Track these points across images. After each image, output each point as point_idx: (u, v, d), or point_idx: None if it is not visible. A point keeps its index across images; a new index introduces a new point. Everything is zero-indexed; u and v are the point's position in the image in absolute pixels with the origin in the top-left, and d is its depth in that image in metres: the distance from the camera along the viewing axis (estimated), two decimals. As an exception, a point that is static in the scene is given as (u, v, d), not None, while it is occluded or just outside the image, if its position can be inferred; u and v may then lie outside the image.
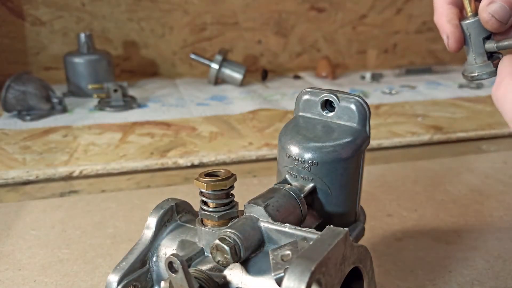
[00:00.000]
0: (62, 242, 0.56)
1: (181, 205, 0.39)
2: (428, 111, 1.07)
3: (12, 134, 0.91)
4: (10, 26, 1.28)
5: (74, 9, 1.31)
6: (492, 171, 0.76)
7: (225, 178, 0.34)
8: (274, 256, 0.30)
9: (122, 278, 0.34)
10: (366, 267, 0.32)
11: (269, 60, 1.50)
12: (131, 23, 1.36)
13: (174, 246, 0.37)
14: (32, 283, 0.48)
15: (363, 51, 1.57)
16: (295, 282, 0.24)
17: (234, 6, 1.41)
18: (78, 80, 1.18)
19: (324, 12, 1.49)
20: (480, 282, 0.48)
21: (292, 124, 0.40)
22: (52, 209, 0.64)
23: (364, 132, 0.38)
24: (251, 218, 0.33)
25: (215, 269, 0.33)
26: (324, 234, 0.28)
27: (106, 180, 0.74)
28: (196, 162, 0.79)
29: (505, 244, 0.55)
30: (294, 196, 0.36)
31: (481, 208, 0.64)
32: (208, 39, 1.43)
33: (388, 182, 0.72)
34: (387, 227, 0.59)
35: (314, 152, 0.37)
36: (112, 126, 0.96)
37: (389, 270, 0.50)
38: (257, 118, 1.02)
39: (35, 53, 1.31)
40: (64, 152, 0.81)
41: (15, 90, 0.98)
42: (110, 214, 0.62)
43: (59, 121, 0.98)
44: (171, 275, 0.28)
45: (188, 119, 1.01)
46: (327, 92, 0.39)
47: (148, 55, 1.40)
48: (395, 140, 0.88)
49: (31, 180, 0.72)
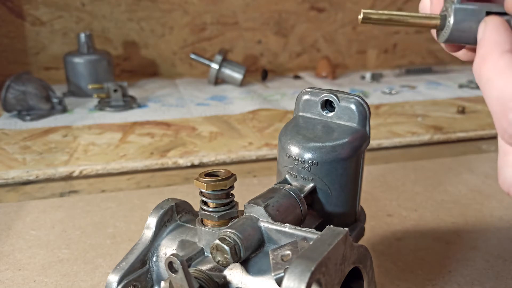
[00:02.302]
0: (62, 242, 0.56)
1: (181, 205, 0.39)
2: (428, 111, 1.07)
3: (12, 134, 0.91)
4: (10, 26, 1.28)
5: (74, 9, 1.31)
6: (492, 171, 0.76)
7: (225, 178, 0.34)
8: (274, 256, 0.30)
9: (122, 278, 0.34)
10: (366, 267, 0.32)
11: (269, 60, 1.50)
12: (131, 23, 1.36)
13: (174, 246, 0.37)
14: (32, 283, 0.48)
15: (363, 51, 1.57)
16: (295, 282, 0.24)
17: (234, 6, 1.41)
18: (78, 80, 1.18)
19: (324, 12, 1.49)
20: (480, 282, 0.48)
21: (292, 124, 0.40)
22: (52, 209, 0.64)
23: (364, 132, 0.38)
24: (251, 218, 0.33)
25: (215, 269, 0.33)
26: (324, 234, 0.28)
27: (106, 180, 0.74)
28: (196, 162, 0.79)
29: (505, 244, 0.55)
30: (294, 196, 0.36)
31: (481, 208, 0.64)
32: (208, 39, 1.43)
33: (388, 182, 0.72)
34: (387, 227, 0.59)
35: (314, 152, 0.37)
36: (112, 126, 0.96)
37: (389, 270, 0.50)
38: (257, 118, 1.02)
39: (35, 53, 1.31)
40: (64, 152, 0.81)
41: (15, 90, 0.98)
42: (110, 214, 0.62)
43: (59, 121, 0.98)
44: (171, 275, 0.28)
45: (188, 119, 1.01)
46: (327, 92, 0.39)
47: (148, 55, 1.40)
48: (395, 140, 0.88)
49: (31, 180, 0.72)
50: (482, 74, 0.26)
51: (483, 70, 0.26)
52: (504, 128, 0.24)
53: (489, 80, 0.26)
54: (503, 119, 0.24)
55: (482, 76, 0.26)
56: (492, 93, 0.25)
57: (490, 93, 0.25)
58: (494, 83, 0.25)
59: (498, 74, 0.25)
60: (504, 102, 0.24)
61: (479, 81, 0.27)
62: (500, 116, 0.25)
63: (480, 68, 0.26)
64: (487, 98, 0.26)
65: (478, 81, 0.27)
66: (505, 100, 0.24)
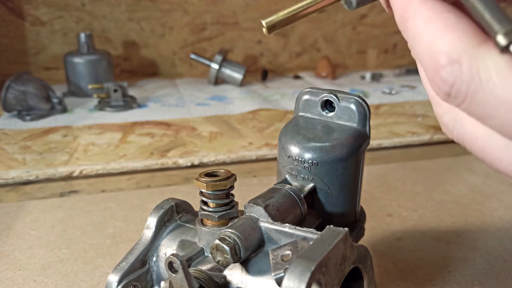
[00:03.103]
0: (62, 242, 0.56)
1: (181, 205, 0.39)
2: (428, 111, 1.07)
3: (12, 134, 0.91)
4: (10, 26, 1.28)
5: (74, 9, 1.31)
6: (492, 171, 0.76)
7: (225, 178, 0.34)
8: (274, 256, 0.30)
9: (122, 278, 0.34)
10: (366, 267, 0.32)
11: (269, 60, 1.50)
12: (131, 23, 1.36)
13: (174, 246, 0.37)
14: (32, 283, 0.48)
15: (363, 51, 1.57)
16: (295, 282, 0.24)
17: (234, 6, 1.41)
18: (78, 80, 1.18)
19: (324, 12, 1.49)
20: (480, 282, 0.48)
21: (292, 124, 0.40)
22: (52, 209, 0.64)
23: (364, 132, 0.38)
24: (251, 218, 0.33)
25: (215, 269, 0.33)
26: (324, 234, 0.28)
27: (106, 180, 0.74)
28: (196, 162, 0.79)
29: (505, 244, 0.55)
30: (294, 196, 0.36)
31: (481, 208, 0.64)
32: (208, 39, 1.43)
33: (388, 182, 0.72)
34: (387, 227, 0.59)
35: (314, 152, 0.37)
36: (112, 126, 0.96)
37: (389, 270, 0.50)
38: (257, 118, 1.02)
39: (35, 53, 1.31)
40: (64, 152, 0.81)
41: (15, 90, 0.98)
42: (110, 214, 0.62)
43: (59, 121, 0.98)
44: (171, 275, 0.28)
45: (188, 119, 1.01)
46: (327, 92, 0.39)
47: (148, 55, 1.40)
48: (395, 140, 0.88)
49: (31, 180, 0.72)
50: (407, 29, 0.23)
51: (407, 25, 0.23)
52: (438, 85, 0.22)
53: (415, 35, 0.23)
54: (436, 76, 0.22)
55: (407, 32, 0.23)
56: (421, 48, 0.22)
57: (419, 49, 0.23)
58: (422, 38, 0.22)
59: (424, 27, 0.22)
60: (434, 58, 0.22)
61: (406, 37, 0.24)
62: (432, 74, 0.22)
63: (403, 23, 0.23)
64: (416, 55, 0.23)
65: (405, 37, 0.24)
66: (435, 56, 0.22)
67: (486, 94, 0.20)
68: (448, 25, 0.21)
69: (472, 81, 0.20)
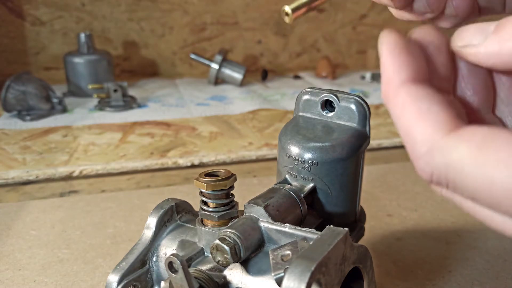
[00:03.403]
0: (62, 242, 0.56)
1: (181, 205, 0.39)
2: (428, 111, 1.07)
3: (12, 134, 0.91)
4: (10, 26, 1.28)
5: (74, 9, 1.31)
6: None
7: (225, 178, 0.34)
8: (274, 256, 0.30)
9: (122, 278, 0.34)
10: (366, 267, 0.32)
11: (269, 60, 1.50)
12: (131, 23, 1.36)
13: (174, 246, 0.37)
14: (32, 283, 0.48)
15: (363, 51, 1.57)
16: (295, 282, 0.24)
17: (234, 6, 1.41)
18: (78, 80, 1.18)
19: (324, 12, 1.49)
20: (480, 282, 0.48)
21: (292, 124, 0.40)
22: (52, 209, 0.64)
23: (364, 132, 0.38)
24: (251, 218, 0.33)
25: (215, 269, 0.33)
26: (324, 234, 0.28)
27: (106, 180, 0.74)
28: (196, 162, 0.79)
29: (505, 244, 0.55)
30: (294, 196, 0.36)
31: (481, 208, 0.63)
32: (208, 39, 1.43)
33: (388, 182, 0.72)
34: (387, 227, 0.59)
35: (314, 152, 0.37)
36: (112, 126, 0.96)
37: (389, 270, 0.50)
38: (257, 118, 1.02)
39: (35, 53, 1.31)
40: (64, 152, 0.81)
41: (15, 90, 0.98)
42: (110, 214, 0.62)
43: (59, 121, 0.98)
44: (171, 275, 0.28)
45: (188, 119, 1.01)
46: (327, 92, 0.39)
47: (148, 55, 1.40)
48: (395, 140, 0.88)
49: (31, 180, 0.72)
50: (389, 106, 0.23)
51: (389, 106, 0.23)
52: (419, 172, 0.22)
53: (395, 118, 0.22)
54: (415, 163, 0.22)
55: (389, 109, 0.23)
56: (400, 132, 0.22)
57: (400, 132, 0.22)
58: (399, 123, 0.22)
59: (400, 112, 0.22)
60: (411, 146, 0.22)
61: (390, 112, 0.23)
62: (413, 160, 0.22)
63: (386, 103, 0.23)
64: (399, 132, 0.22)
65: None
66: (411, 144, 0.21)
67: (465, 180, 0.20)
68: (420, 113, 0.21)
69: (448, 171, 0.20)
